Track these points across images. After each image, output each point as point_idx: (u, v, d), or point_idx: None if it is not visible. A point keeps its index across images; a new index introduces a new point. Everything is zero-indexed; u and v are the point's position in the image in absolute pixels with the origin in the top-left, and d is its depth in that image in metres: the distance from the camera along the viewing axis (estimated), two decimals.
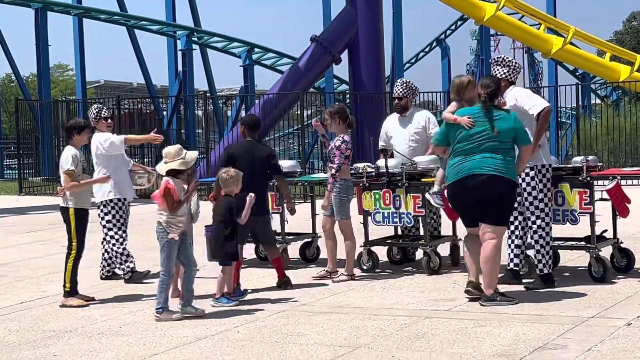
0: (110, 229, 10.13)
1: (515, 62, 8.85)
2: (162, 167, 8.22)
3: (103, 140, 10.08)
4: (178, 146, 8.38)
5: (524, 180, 8.69)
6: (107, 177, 9.53)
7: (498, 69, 8.76)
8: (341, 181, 9.50)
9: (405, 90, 10.50)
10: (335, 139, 9.61)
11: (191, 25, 37.39)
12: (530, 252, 8.93)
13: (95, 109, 10.33)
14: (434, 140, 8.65)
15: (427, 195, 9.40)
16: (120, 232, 10.12)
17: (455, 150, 8.20)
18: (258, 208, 8.95)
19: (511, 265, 9.03)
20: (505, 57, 8.89)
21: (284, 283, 9.32)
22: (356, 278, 9.61)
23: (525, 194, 8.74)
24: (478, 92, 8.29)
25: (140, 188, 10.58)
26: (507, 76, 8.70)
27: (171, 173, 8.14)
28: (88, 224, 9.06)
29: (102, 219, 10.16)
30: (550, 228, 8.85)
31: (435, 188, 9.19)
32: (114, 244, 10.10)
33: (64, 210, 8.93)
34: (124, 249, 10.11)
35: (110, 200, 10.09)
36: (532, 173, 8.70)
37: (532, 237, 8.77)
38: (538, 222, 8.75)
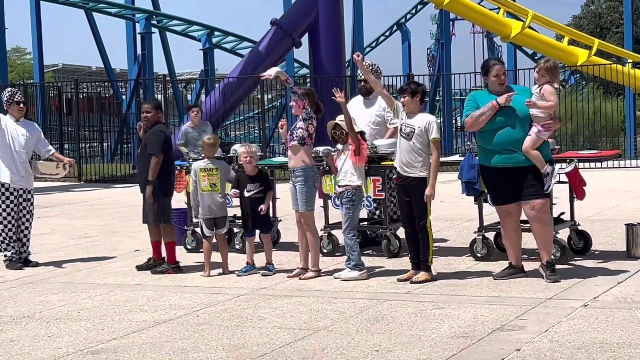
0: None
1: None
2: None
3: None
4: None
5: None
6: None
7: None
8: (307, 169, 9.01)
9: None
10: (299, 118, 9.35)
11: (150, 9, 37.02)
12: None
13: (8, 92, 10.23)
14: None
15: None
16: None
17: None
18: (172, 188, 9.78)
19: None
20: None
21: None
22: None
23: None
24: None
25: (57, 177, 10.85)
26: None
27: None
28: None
29: None
30: None
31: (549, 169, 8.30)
32: None
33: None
34: (7, 236, 10.12)
35: None
36: None
37: None
38: None
